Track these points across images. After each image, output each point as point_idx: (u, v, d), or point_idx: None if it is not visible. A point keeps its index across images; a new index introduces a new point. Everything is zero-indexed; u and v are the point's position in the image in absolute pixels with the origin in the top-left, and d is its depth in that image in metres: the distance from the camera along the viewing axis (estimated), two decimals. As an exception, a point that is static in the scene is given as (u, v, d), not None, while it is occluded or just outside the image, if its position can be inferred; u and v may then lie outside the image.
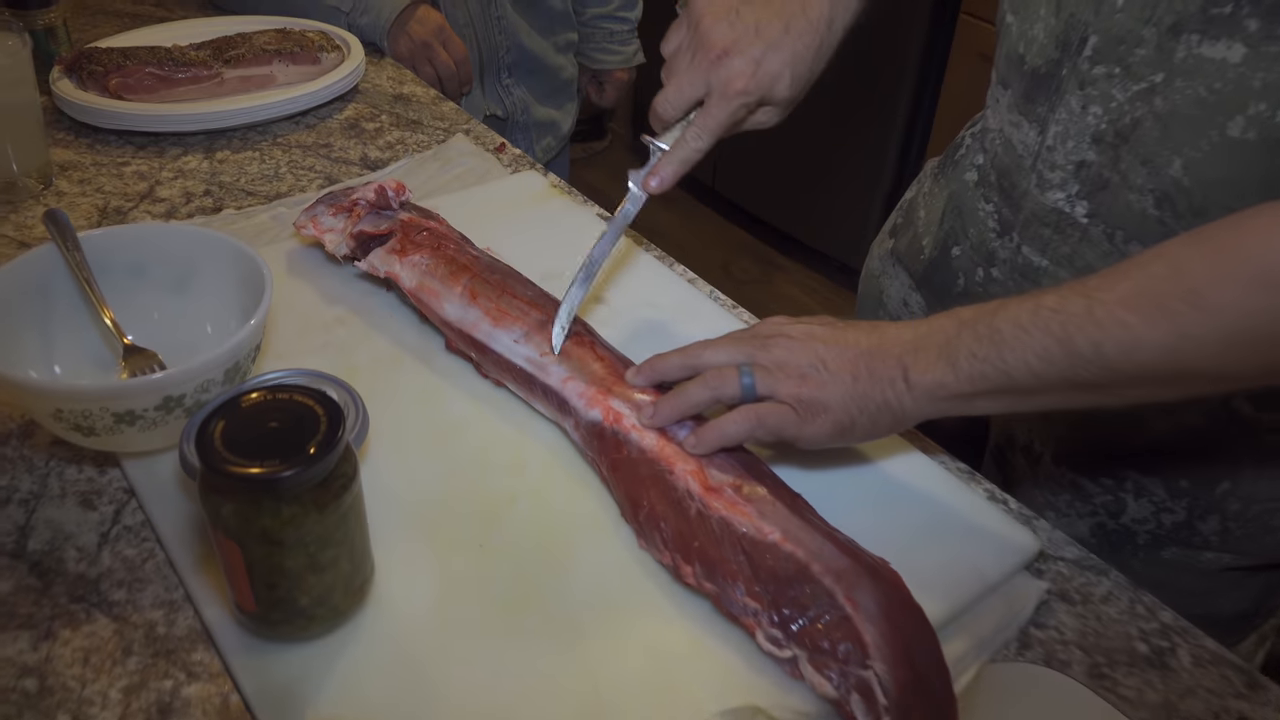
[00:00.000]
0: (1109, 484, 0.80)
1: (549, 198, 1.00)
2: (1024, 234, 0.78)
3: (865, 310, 1.01)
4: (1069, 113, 0.71)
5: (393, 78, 1.26)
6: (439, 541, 0.64)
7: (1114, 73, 0.67)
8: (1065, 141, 0.72)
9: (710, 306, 0.87)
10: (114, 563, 0.63)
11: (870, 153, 2.47)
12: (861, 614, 0.57)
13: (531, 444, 0.72)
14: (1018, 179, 0.77)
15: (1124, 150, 0.68)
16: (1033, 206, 0.76)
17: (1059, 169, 0.73)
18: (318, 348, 0.79)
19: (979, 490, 0.72)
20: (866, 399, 0.61)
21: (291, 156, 1.07)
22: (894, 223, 0.98)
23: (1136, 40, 0.65)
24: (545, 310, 0.75)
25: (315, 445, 0.52)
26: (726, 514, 0.62)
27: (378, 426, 0.71)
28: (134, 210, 0.96)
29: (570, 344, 0.72)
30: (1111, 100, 0.68)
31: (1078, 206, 0.73)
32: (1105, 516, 0.81)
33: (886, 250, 0.97)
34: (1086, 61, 0.68)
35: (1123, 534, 0.80)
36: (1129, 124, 0.67)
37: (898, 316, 0.95)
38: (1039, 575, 0.66)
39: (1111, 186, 0.70)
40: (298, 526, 0.53)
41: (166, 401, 0.63)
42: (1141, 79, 0.66)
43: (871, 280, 1.00)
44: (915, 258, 0.91)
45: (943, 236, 0.87)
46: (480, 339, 0.74)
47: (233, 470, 0.51)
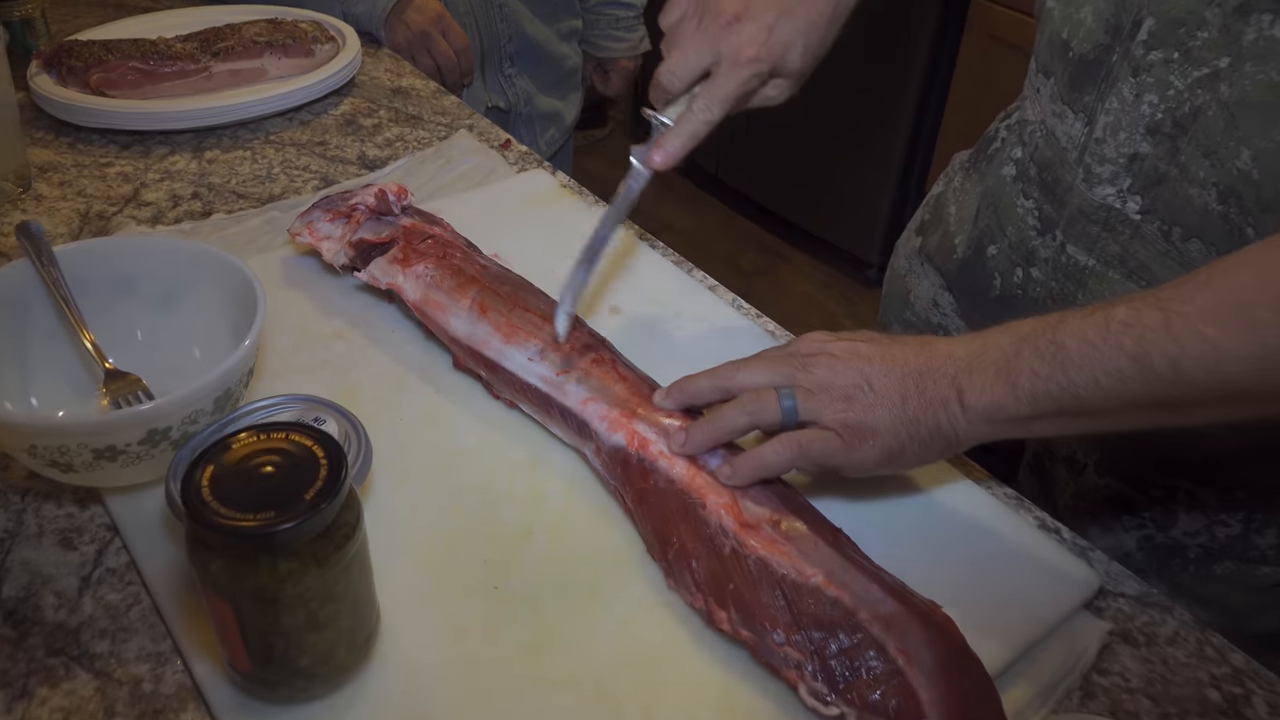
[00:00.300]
0: (1159, 495, 0.75)
1: (558, 198, 0.95)
2: (1068, 232, 0.73)
3: (891, 311, 0.96)
4: (1121, 102, 0.66)
5: (391, 70, 1.20)
6: (450, 584, 0.59)
7: (1172, 58, 0.63)
8: (1116, 133, 0.67)
9: (733, 316, 0.82)
10: (96, 610, 0.58)
11: (880, 140, 2.41)
12: (915, 667, 0.52)
13: (548, 472, 0.67)
14: (1061, 173, 0.73)
15: (1183, 141, 0.64)
16: (1079, 202, 0.72)
17: (1109, 162, 0.68)
18: (315, 365, 0.74)
19: (1028, 518, 0.67)
20: (917, 423, 0.57)
21: (285, 155, 1.01)
22: (921, 219, 0.94)
23: (1198, 22, 0.61)
24: None
25: (314, 493, 0.47)
26: (764, 553, 0.56)
27: (380, 455, 0.66)
28: (118, 215, 0.90)
29: (589, 363, 0.67)
30: (1169, 88, 0.63)
31: (1130, 202, 0.69)
32: (1154, 529, 0.76)
33: (914, 248, 0.93)
34: (1141, 46, 0.64)
35: (1172, 548, 0.76)
36: (1189, 113, 0.63)
37: (926, 318, 0.90)
38: (1099, 614, 0.61)
39: (1169, 180, 0.66)
40: (296, 583, 0.47)
41: (151, 435, 0.58)
42: (1204, 64, 0.61)
43: (897, 280, 0.95)
44: (947, 256, 0.86)
45: (977, 235, 0.83)
46: (491, 357, 0.69)
47: (223, 524, 0.46)
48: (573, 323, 0.69)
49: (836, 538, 0.59)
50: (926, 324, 0.90)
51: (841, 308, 2.58)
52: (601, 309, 0.80)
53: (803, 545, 0.57)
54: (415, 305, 0.73)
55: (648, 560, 0.61)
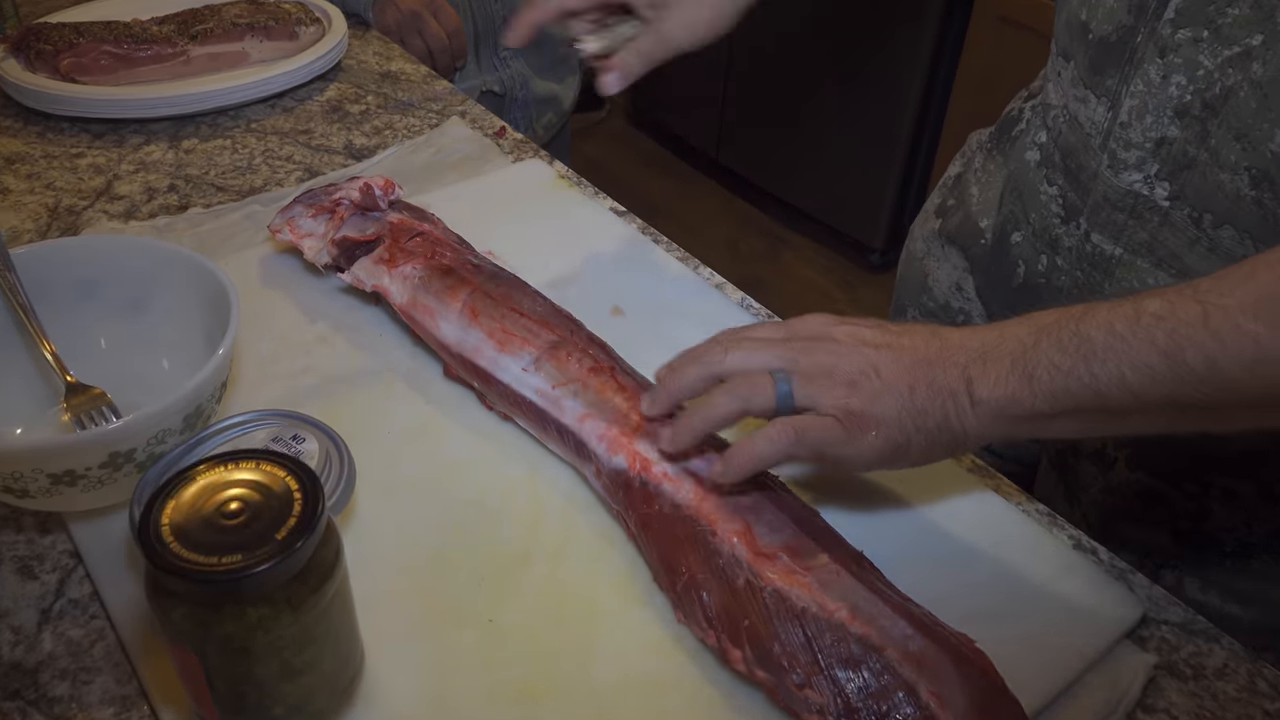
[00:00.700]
0: (1192, 489, 0.72)
1: (555, 190, 0.90)
2: (1092, 220, 0.70)
3: (907, 295, 0.92)
4: (1147, 84, 0.63)
5: (379, 53, 1.14)
6: (440, 615, 0.55)
7: (1201, 37, 0.59)
8: (1143, 116, 0.64)
9: (742, 317, 0.77)
10: (56, 646, 0.53)
11: (884, 122, 2.35)
12: (949, 711, 0.48)
13: (547, 489, 0.62)
14: (1085, 159, 0.69)
15: (1213, 124, 0.60)
16: (1104, 189, 0.68)
17: (1135, 147, 0.65)
18: (296, 373, 0.69)
19: (1063, 537, 0.63)
20: (925, 414, 0.52)
21: (267, 145, 0.96)
22: (941, 201, 0.90)
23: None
24: (557, 329, 0.65)
25: (288, 531, 0.43)
26: (782, 585, 0.52)
27: (366, 471, 0.61)
28: (88, 210, 0.85)
29: (587, 372, 0.62)
30: (1198, 68, 0.60)
31: (1157, 188, 0.65)
32: (1187, 523, 0.73)
33: (932, 230, 0.89)
34: (1168, 25, 0.60)
35: (1206, 540, 0.72)
36: (1219, 94, 0.59)
37: (946, 303, 0.86)
38: (1142, 644, 0.57)
39: (1198, 165, 0.62)
40: (268, 630, 0.43)
41: (113, 458, 0.53)
42: (1235, 43, 0.58)
43: (914, 263, 0.91)
44: (973, 240, 0.83)
45: (1001, 221, 0.80)
46: (484, 366, 0.64)
47: (184, 568, 0.41)
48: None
49: (860, 565, 0.54)
50: (946, 309, 0.86)
51: (844, 293, 2.53)
52: (602, 309, 0.75)
53: (824, 576, 0.53)
54: (402, 309, 0.68)
55: (654, 588, 0.57)
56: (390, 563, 0.57)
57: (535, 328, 0.65)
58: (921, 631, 0.50)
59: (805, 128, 2.56)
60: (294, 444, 0.57)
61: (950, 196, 0.88)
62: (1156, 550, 0.73)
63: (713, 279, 0.82)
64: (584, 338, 0.65)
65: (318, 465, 0.56)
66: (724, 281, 0.82)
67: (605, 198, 0.90)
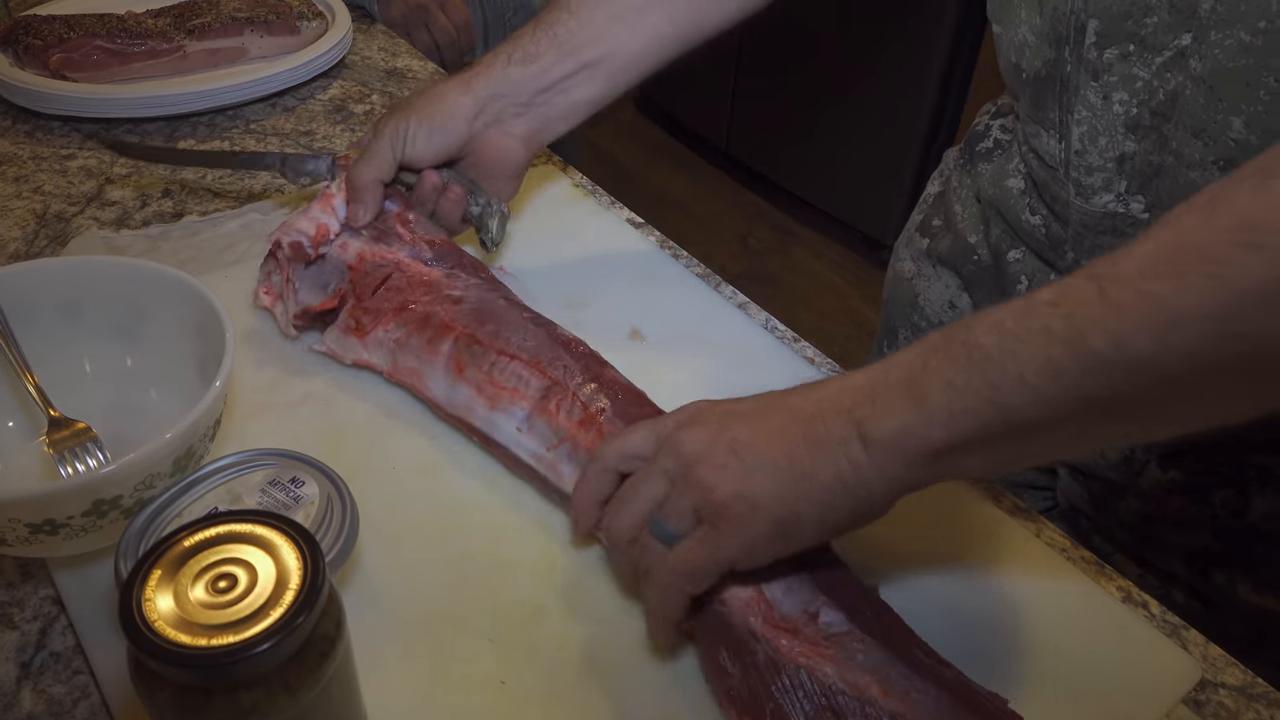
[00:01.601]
0: (1228, 473, 0.69)
1: (570, 200, 0.85)
2: (1078, 247, 0.68)
3: (897, 317, 0.89)
4: (1090, 109, 0.62)
5: (385, 49, 1.10)
6: (449, 678, 0.51)
7: (1128, 52, 0.59)
8: (1096, 140, 0.63)
9: (767, 341, 0.73)
10: (36, 705, 0.50)
11: (900, 114, 2.30)
12: None
13: (561, 531, 0.58)
14: (1056, 190, 0.68)
15: (1169, 129, 0.59)
16: (1080, 216, 0.67)
17: (1098, 170, 0.64)
18: (295, 403, 0.65)
19: (1112, 589, 0.59)
20: (810, 479, 0.46)
21: (267, 146, 0.91)
22: (925, 219, 0.87)
23: (1144, 9, 0.57)
24: (550, 370, 0.60)
25: (286, 608, 0.39)
26: (806, 662, 0.48)
27: (368, 514, 0.57)
28: (78, 216, 0.81)
29: (577, 426, 0.58)
30: (1135, 81, 0.59)
31: (1132, 203, 0.64)
32: (1227, 517, 0.69)
33: (920, 250, 0.86)
34: (1092, 49, 0.60)
35: (1252, 534, 0.69)
36: (1165, 99, 0.59)
37: (940, 322, 0.84)
38: (1198, 710, 0.53)
39: (1166, 170, 0.61)
40: (263, 715, 0.39)
41: (98, 506, 0.49)
42: (1164, 48, 0.57)
43: (902, 283, 0.87)
44: (964, 258, 0.80)
45: (994, 241, 0.77)
46: (479, 426, 0.60)
47: (170, 651, 0.37)
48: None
49: (888, 628, 0.50)
50: (939, 328, 0.82)
51: (855, 289, 2.49)
52: (620, 333, 0.71)
53: (848, 644, 0.49)
54: (390, 377, 0.64)
55: (680, 646, 0.53)
56: (395, 618, 0.53)
57: (526, 373, 0.60)
58: (960, 703, 0.47)
59: (816, 119, 2.51)
60: (293, 488, 0.53)
61: (935, 215, 0.86)
62: (1201, 552, 0.71)
63: (735, 298, 0.77)
64: (579, 374, 0.60)
65: (318, 512, 0.52)
66: (747, 301, 0.78)
67: (622, 208, 0.86)
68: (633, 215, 0.85)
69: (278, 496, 0.52)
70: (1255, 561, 0.69)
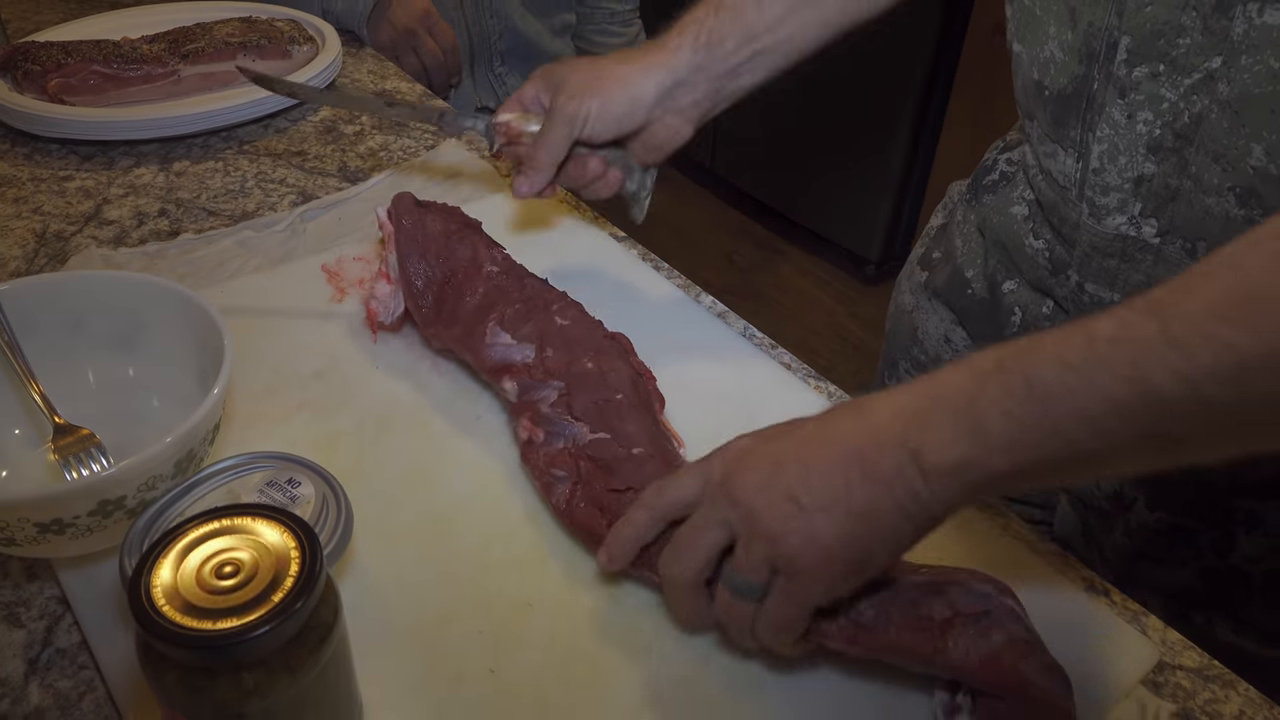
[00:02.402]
0: (1216, 518, 0.70)
1: (554, 215, 0.88)
2: (1084, 270, 0.69)
3: (898, 349, 0.90)
4: (1113, 127, 0.62)
5: (374, 71, 1.13)
6: (441, 668, 0.53)
7: (1158, 71, 0.58)
8: (1115, 159, 0.63)
9: (745, 348, 0.76)
10: (44, 699, 0.52)
11: (881, 133, 2.34)
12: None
13: (551, 529, 0.61)
14: (1065, 212, 0.68)
15: (1190, 152, 0.59)
16: (1089, 238, 0.67)
17: (1114, 190, 0.64)
18: (291, 410, 0.67)
19: (1075, 579, 0.61)
20: (873, 515, 0.46)
21: (260, 167, 0.94)
22: (925, 253, 0.88)
23: (1177, 29, 0.56)
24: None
25: (285, 592, 0.41)
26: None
27: (362, 515, 0.59)
28: (77, 235, 0.83)
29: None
30: (1162, 101, 0.59)
31: (1145, 227, 0.64)
32: (1213, 558, 0.70)
33: (919, 283, 0.87)
34: (1123, 66, 0.60)
35: (1234, 576, 0.70)
36: (1189, 122, 0.58)
37: (937, 355, 0.85)
38: (1157, 691, 0.56)
39: (1182, 195, 0.61)
40: (264, 695, 0.41)
41: (103, 506, 0.51)
42: (1194, 69, 0.57)
43: (903, 316, 0.89)
44: (959, 292, 0.81)
45: (990, 271, 0.78)
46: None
47: (176, 633, 0.39)
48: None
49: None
50: (937, 362, 0.85)
51: (841, 305, 2.52)
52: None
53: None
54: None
55: (662, 635, 0.55)
56: (389, 613, 0.55)
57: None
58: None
59: (801, 139, 2.55)
60: (289, 488, 0.55)
61: (936, 249, 0.87)
62: (1183, 592, 0.71)
63: (714, 307, 0.80)
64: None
65: (314, 511, 0.54)
66: (726, 310, 0.80)
67: (605, 222, 0.89)
68: (615, 230, 0.88)
69: (275, 496, 0.55)
70: (1236, 604, 0.70)
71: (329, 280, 0.78)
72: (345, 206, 0.88)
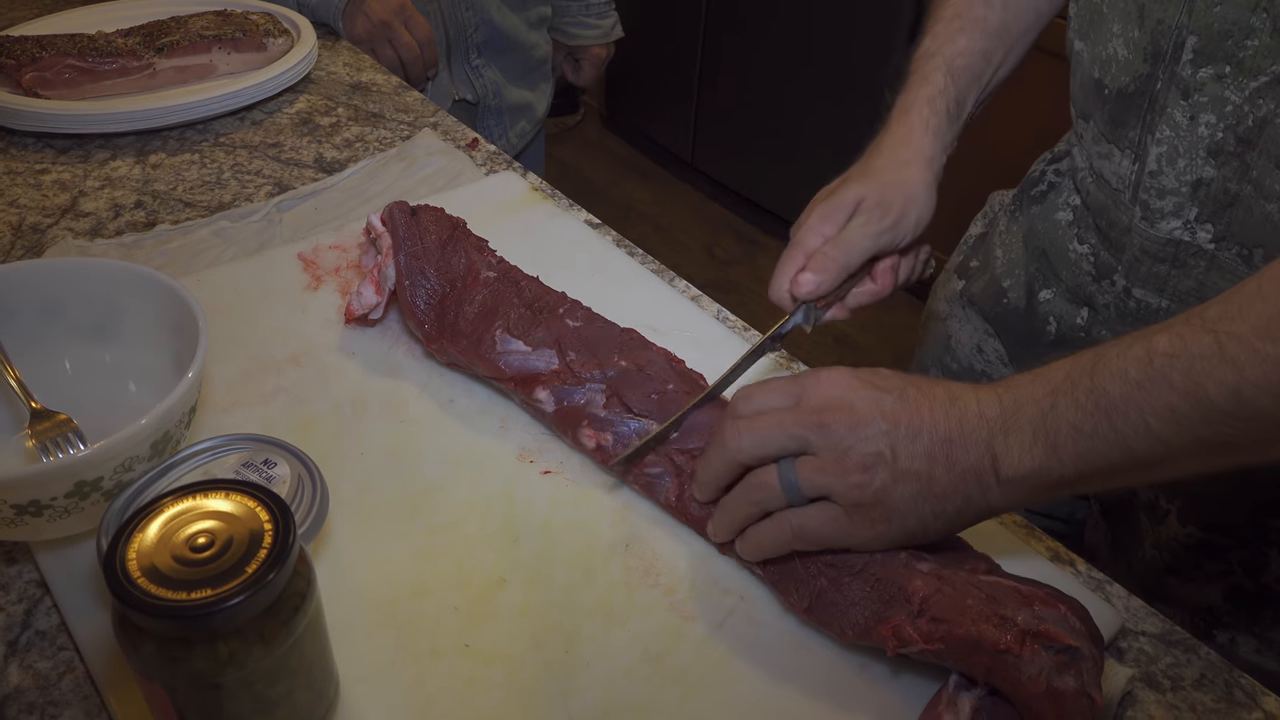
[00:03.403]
0: (1249, 536, 0.70)
1: (530, 203, 0.89)
2: (1132, 275, 0.68)
3: (930, 355, 0.91)
4: (1174, 128, 0.61)
5: (349, 64, 1.13)
6: (416, 643, 0.54)
7: (1224, 73, 0.58)
8: (1174, 162, 0.62)
9: (720, 331, 0.77)
10: (24, 680, 0.52)
11: (859, 127, 2.36)
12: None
13: (524, 508, 0.62)
14: (1116, 215, 0.68)
15: (1252, 156, 0.59)
16: (1141, 243, 0.67)
17: (1170, 194, 0.63)
18: (268, 395, 0.68)
19: (1040, 549, 0.63)
20: (944, 499, 0.50)
21: (236, 159, 0.94)
22: (964, 261, 0.89)
23: (1245, 31, 0.56)
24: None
25: (259, 564, 0.42)
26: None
27: (340, 495, 0.60)
28: (53, 227, 0.84)
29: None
30: (1226, 104, 0.59)
31: (1200, 232, 0.63)
32: (1242, 576, 0.70)
33: (955, 292, 0.87)
34: (1188, 66, 0.59)
35: (1264, 596, 0.70)
36: (1253, 126, 0.58)
37: (969, 364, 0.86)
38: (1120, 656, 0.57)
39: (1242, 200, 0.60)
40: (240, 665, 0.42)
41: (80, 487, 0.52)
42: (1261, 73, 0.57)
43: (937, 323, 0.90)
44: (995, 301, 0.82)
45: (1027, 280, 0.78)
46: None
47: (152, 604, 0.40)
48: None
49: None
50: (969, 371, 0.86)
51: (820, 297, 2.53)
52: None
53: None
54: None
55: (633, 610, 0.56)
56: (365, 589, 0.56)
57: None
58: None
59: (781, 133, 2.56)
60: (265, 469, 0.56)
61: (974, 257, 0.87)
62: (1207, 609, 0.72)
63: (688, 291, 0.81)
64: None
65: (289, 491, 0.55)
66: (700, 294, 0.81)
67: (580, 210, 0.90)
68: (590, 217, 0.89)
69: (251, 477, 0.55)
70: (1263, 624, 0.70)
71: (305, 269, 0.79)
72: (321, 196, 0.89)
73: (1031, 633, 0.48)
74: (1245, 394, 0.42)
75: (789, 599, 0.55)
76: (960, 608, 0.50)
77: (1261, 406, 0.42)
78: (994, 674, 0.49)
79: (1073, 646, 0.48)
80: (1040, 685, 0.47)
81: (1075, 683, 0.47)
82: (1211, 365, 0.43)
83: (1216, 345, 0.43)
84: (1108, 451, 0.46)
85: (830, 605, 0.53)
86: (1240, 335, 0.42)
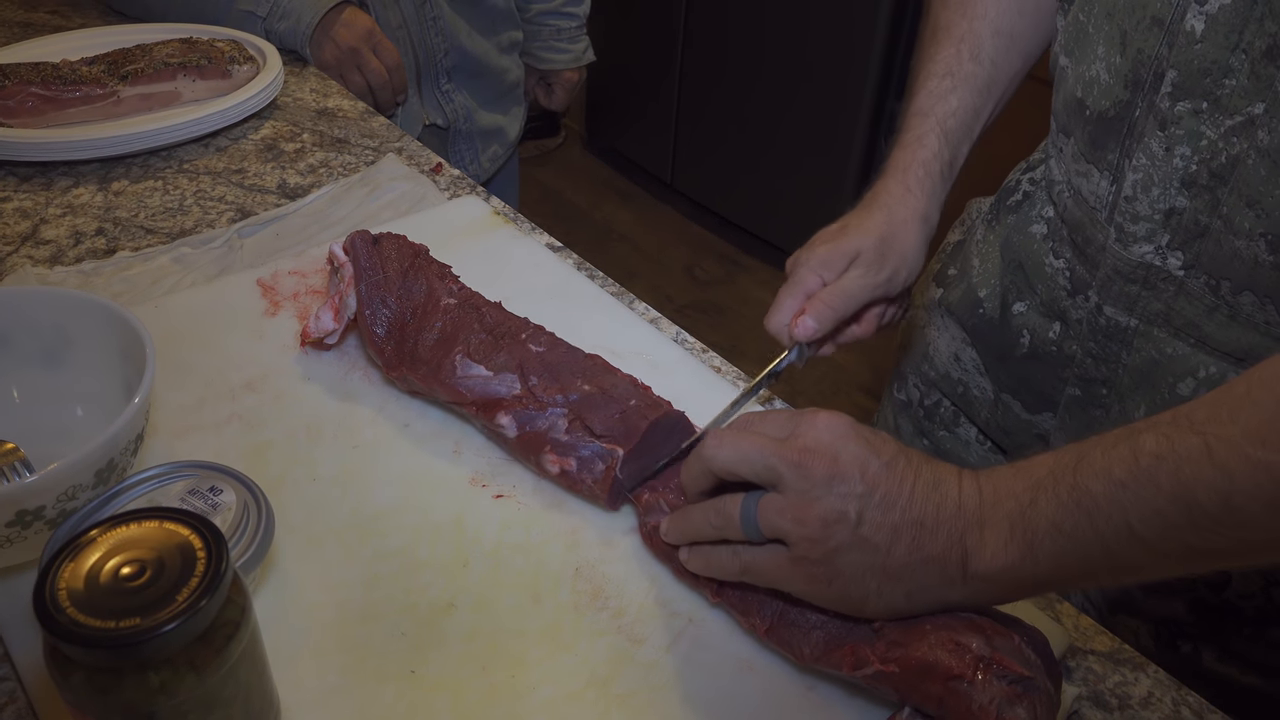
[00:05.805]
0: None
1: (492, 227, 0.89)
2: (1104, 293, 0.69)
3: (908, 363, 0.91)
4: (1150, 157, 0.62)
5: (316, 90, 1.14)
6: (362, 668, 0.54)
7: (1201, 108, 0.59)
8: (1149, 189, 0.63)
9: (677, 353, 0.77)
10: (-36, 712, 0.52)
11: (837, 147, 2.37)
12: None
13: (473, 533, 0.62)
14: (1092, 233, 0.69)
15: (1223, 192, 0.59)
16: (1113, 262, 0.67)
17: (1143, 220, 0.64)
18: (221, 422, 0.68)
19: (991, 568, 0.63)
20: (897, 579, 0.49)
21: (199, 185, 0.95)
22: (941, 269, 0.89)
23: (1224, 70, 0.56)
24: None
25: (190, 592, 0.42)
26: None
27: (290, 520, 0.60)
28: (13, 255, 0.84)
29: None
30: (1201, 139, 0.59)
31: (1170, 258, 0.64)
32: (1205, 591, 0.70)
33: (933, 300, 0.88)
34: (1166, 99, 0.60)
35: (1226, 610, 0.70)
36: (1226, 163, 0.58)
37: (947, 373, 0.86)
38: (1068, 675, 0.57)
39: (1212, 233, 0.61)
40: (171, 694, 0.42)
41: (21, 516, 0.52)
42: (1236, 112, 0.57)
43: (916, 331, 0.90)
44: (971, 310, 0.82)
45: (1002, 291, 0.79)
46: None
47: (78, 633, 0.40)
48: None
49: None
50: (946, 379, 0.86)
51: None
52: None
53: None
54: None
55: (581, 635, 0.56)
56: (311, 615, 0.56)
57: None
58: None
59: (760, 154, 2.58)
60: (211, 495, 0.56)
61: (952, 265, 0.87)
62: (1171, 621, 0.72)
63: (647, 314, 0.82)
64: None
65: (235, 517, 0.55)
66: (659, 316, 0.82)
67: (541, 233, 0.90)
68: (552, 240, 0.89)
69: (197, 505, 0.55)
70: (1226, 635, 0.70)
71: (264, 294, 0.79)
72: (283, 222, 0.89)
73: (984, 660, 0.48)
74: (1235, 501, 0.41)
75: (749, 620, 0.55)
76: (918, 632, 0.50)
77: (1251, 514, 0.41)
78: (945, 704, 0.48)
79: (1026, 677, 0.48)
80: (990, 715, 0.47)
81: (1027, 715, 0.47)
82: (1199, 469, 0.41)
83: (1205, 448, 0.42)
84: (1086, 553, 0.45)
85: (791, 626, 0.54)
86: (1230, 440, 0.41)
